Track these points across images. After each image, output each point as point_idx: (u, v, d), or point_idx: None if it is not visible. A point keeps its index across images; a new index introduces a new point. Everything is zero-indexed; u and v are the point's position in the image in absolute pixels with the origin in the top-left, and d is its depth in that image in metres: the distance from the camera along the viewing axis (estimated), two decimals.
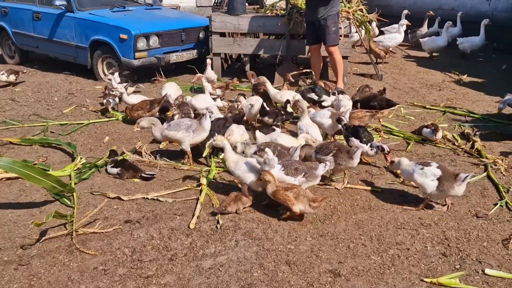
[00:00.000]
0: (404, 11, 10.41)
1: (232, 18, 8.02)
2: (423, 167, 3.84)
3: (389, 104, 5.78)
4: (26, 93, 7.50)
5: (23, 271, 3.13)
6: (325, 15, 6.91)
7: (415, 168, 3.88)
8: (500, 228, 3.66)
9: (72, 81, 8.29)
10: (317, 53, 7.40)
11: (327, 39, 7.09)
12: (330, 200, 4.09)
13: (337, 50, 7.20)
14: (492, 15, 11.02)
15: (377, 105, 5.86)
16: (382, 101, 5.88)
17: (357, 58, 9.92)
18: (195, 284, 3.01)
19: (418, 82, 8.24)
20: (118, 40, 7.68)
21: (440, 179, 3.74)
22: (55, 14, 8.38)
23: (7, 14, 9.33)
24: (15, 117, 6.28)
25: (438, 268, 3.18)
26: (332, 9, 6.90)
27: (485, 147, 5.21)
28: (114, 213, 3.86)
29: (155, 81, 8.02)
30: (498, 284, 3.03)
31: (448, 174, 3.76)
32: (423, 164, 3.88)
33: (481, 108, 6.75)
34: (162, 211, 3.90)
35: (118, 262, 3.22)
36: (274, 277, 3.07)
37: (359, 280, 3.06)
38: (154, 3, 9.68)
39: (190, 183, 4.38)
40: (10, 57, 9.84)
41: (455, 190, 3.73)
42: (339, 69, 7.28)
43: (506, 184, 4.35)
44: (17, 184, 4.35)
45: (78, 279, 3.05)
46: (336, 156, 4.14)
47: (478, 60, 9.76)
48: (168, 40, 8.15)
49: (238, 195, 3.88)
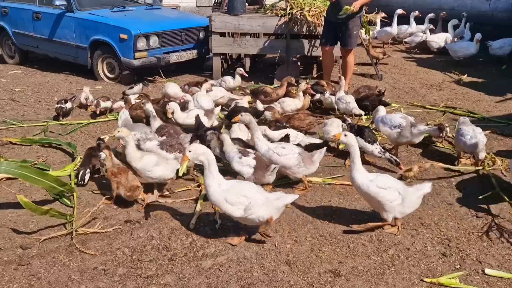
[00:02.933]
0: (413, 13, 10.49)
1: (232, 18, 8.02)
2: (242, 156, 4.01)
3: (381, 104, 5.78)
4: (26, 93, 7.50)
5: (23, 271, 3.13)
6: (351, 17, 6.71)
7: (234, 156, 4.04)
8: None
9: (72, 81, 8.29)
10: (331, 55, 7.31)
11: (348, 42, 6.92)
12: (330, 200, 4.10)
13: (353, 53, 7.16)
14: (492, 15, 11.02)
15: (369, 105, 5.94)
16: (375, 101, 5.92)
17: (357, 58, 9.91)
18: (195, 284, 3.01)
19: (418, 82, 8.24)
20: (118, 40, 7.68)
21: (255, 168, 3.94)
22: (55, 14, 8.38)
23: (7, 14, 9.33)
24: (15, 117, 6.28)
25: (438, 268, 3.18)
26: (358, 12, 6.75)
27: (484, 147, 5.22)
28: (114, 213, 3.86)
29: (155, 80, 8.03)
30: (498, 284, 3.03)
31: (262, 164, 3.96)
32: (242, 154, 4.04)
33: (481, 108, 6.75)
34: (162, 211, 3.90)
35: (118, 262, 3.22)
36: (274, 277, 3.07)
37: (359, 280, 3.06)
38: (154, 3, 9.67)
39: (190, 184, 4.38)
40: (10, 57, 9.84)
41: (265, 179, 3.97)
42: (349, 72, 7.25)
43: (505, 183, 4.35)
44: (17, 184, 4.35)
45: (78, 279, 3.05)
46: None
47: (478, 60, 9.76)
48: (168, 40, 8.15)
49: None
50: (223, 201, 3.24)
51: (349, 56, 7.11)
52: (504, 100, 7.17)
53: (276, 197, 3.31)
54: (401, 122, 4.74)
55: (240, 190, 3.26)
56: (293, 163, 4.03)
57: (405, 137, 4.70)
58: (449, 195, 4.19)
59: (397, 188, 3.42)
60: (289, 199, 3.35)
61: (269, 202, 3.25)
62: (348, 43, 6.95)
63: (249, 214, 3.20)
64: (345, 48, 7.04)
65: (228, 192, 3.25)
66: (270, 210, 3.24)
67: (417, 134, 4.67)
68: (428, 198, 4.12)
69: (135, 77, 8.04)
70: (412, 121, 4.82)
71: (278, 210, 3.34)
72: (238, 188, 3.28)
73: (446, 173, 4.63)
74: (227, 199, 3.23)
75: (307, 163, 4.05)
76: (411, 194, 3.43)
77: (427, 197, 4.13)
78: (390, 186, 3.39)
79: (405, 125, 4.70)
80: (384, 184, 3.39)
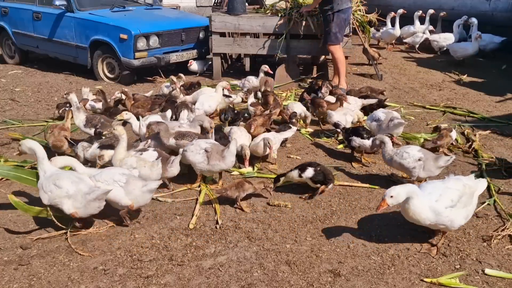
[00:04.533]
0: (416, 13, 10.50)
1: (232, 18, 8.02)
2: (142, 152, 4.09)
3: (381, 105, 5.92)
4: (26, 93, 7.51)
5: (23, 271, 3.13)
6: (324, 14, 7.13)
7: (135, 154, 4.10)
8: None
9: (72, 81, 8.29)
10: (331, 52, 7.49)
11: (325, 39, 7.27)
12: (330, 200, 4.10)
13: (338, 50, 7.28)
14: (492, 15, 11.01)
15: (368, 106, 6.00)
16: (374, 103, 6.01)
17: (357, 58, 9.92)
18: (195, 284, 3.01)
19: (418, 82, 8.24)
20: (118, 40, 7.69)
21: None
22: (55, 14, 8.39)
23: (7, 14, 9.33)
24: (15, 117, 6.29)
25: (438, 268, 3.18)
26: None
27: (484, 147, 5.22)
28: (114, 213, 3.86)
29: (155, 80, 8.03)
30: (498, 284, 3.03)
31: (165, 158, 4.03)
32: (141, 150, 4.12)
33: (481, 108, 6.75)
34: (162, 211, 3.90)
35: (118, 262, 3.22)
36: (274, 277, 3.07)
37: (359, 280, 3.06)
38: (154, 3, 9.68)
39: (189, 183, 4.38)
40: (10, 57, 9.84)
41: (168, 172, 4.04)
42: (341, 68, 7.33)
43: (505, 185, 4.35)
44: (17, 184, 4.34)
45: (78, 279, 3.05)
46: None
47: (478, 60, 9.76)
48: (168, 40, 8.16)
49: (241, 182, 3.93)
50: (40, 188, 3.50)
51: (334, 52, 7.25)
52: (504, 100, 7.17)
53: (89, 191, 3.41)
54: (380, 116, 5.04)
55: (54, 179, 3.44)
56: (198, 159, 4.07)
57: (384, 130, 4.89)
58: None
59: None
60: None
61: (82, 195, 3.38)
62: (325, 39, 7.27)
63: (55, 204, 3.42)
64: (324, 45, 7.34)
65: (45, 179, 3.48)
66: (79, 203, 3.39)
67: (392, 126, 4.86)
68: None
69: (135, 77, 8.03)
70: (394, 116, 4.97)
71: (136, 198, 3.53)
72: (54, 177, 3.46)
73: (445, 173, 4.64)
74: (43, 186, 3.47)
75: (215, 159, 4.04)
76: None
77: None
78: None
79: (384, 119, 4.97)
80: None
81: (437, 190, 3.23)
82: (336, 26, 7.05)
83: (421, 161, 4.02)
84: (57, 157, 3.92)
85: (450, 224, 3.21)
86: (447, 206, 3.16)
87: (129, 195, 3.52)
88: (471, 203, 3.30)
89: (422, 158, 4.02)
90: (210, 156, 4.04)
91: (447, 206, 3.16)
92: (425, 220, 3.17)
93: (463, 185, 3.27)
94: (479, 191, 3.40)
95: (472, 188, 3.32)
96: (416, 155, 4.04)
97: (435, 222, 3.18)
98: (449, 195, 3.19)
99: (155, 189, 3.62)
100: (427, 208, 3.14)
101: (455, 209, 3.19)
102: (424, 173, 4.06)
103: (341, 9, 7.00)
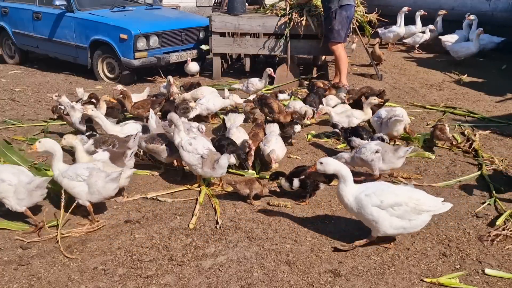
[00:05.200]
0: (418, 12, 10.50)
1: (232, 18, 8.02)
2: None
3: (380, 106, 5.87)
4: (26, 93, 7.51)
5: (23, 271, 3.13)
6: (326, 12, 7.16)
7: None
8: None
9: (72, 81, 8.29)
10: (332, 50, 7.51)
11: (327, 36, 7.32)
12: (330, 200, 4.10)
13: (339, 48, 7.32)
14: (492, 15, 11.01)
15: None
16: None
17: (357, 58, 9.92)
18: (195, 284, 3.01)
19: (418, 82, 8.24)
20: (118, 40, 7.68)
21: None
22: (55, 14, 8.39)
23: (7, 14, 9.33)
24: (15, 117, 6.28)
25: (438, 268, 3.18)
26: None
27: (484, 147, 5.22)
28: (114, 213, 3.86)
29: (155, 80, 8.03)
30: (498, 284, 3.03)
31: (116, 154, 4.05)
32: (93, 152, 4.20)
33: (481, 108, 6.75)
34: (162, 211, 3.90)
35: (118, 262, 3.22)
36: (274, 277, 3.07)
37: (359, 280, 3.06)
38: (154, 3, 9.68)
39: (189, 183, 4.38)
40: (10, 57, 9.84)
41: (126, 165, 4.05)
42: (342, 66, 7.36)
43: (506, 185, 4.35)
44: None
45: (78, 279, 3.05)
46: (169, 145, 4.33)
47: (478, 60, 9.76)
48: (168, 40, 8.16)
49: (252, 179, 3.97)
50: None
51: (336, 50, 7.28)
52: (504, 100, 7.17)
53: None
54: (381, 114, 5.11)
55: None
56: (192, 162, 4.10)
57: (384, 127, 5.01)
58: (449, 195, 4.19)
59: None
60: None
61: (23, 185, 3.50)
62: (327, 37, 7.35)
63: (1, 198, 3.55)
64: (326, 43, 7.42)
65: None
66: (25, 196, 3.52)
67: (391, 124, 4.90)
68: None
69: (135, 77, 8.03)
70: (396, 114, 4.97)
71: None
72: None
73: (446, 173, 4.64)
74: None
75: (207, 167, 4.05)
76: None
77: None
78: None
79: (384, 116, 5.05)
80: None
81: (374, 187, 3.27)
82: (339, 24, 7.06)
83: (378, 153, 4.12)
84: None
85: (375, 224, 3.21)
86: (374, 204, 3.16)
87: (92, 187, 3.55)
88: (414, 219, 3.17)
89: (380, 150, 4.13)
90: (204, 162, 4.05)
91: (373, 205, 3.16)
92: (347, 207, 3.31)
93: (408, 197, 3.16)
94: (435, 212, 3.23)
95: (421, 206, 3.15)
96: (373, 148, 4.16)
97: (357, 215, 3.30)
98: (382, 196, 3.16)
99: (117, 178, 3.61)
100: (351, 196, 3.25)
101: (385, 213, 3.15)
102: (385, 165, 4.15)
103: (343, 5, 7.00)
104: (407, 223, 3.19)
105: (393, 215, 3.16)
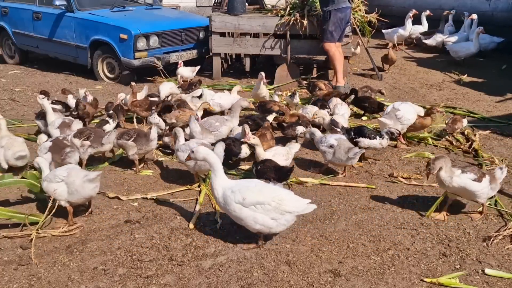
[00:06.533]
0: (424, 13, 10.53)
1: (232, 18, 8.02)
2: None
3: (380, 106, 5.97)
4: (26, 93, 7.50)
5: (23, 271, 3.13)
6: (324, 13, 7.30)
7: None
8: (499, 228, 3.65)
9: (72, 81, 8.29)
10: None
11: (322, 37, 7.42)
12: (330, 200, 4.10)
13: (333, 47, 7.36)
14: (492, 15, 11.01)
15: (369, 106, 6.05)
16: (374, 104, 6.04)
17: (357, 58, 9.91)
18: (195, 284, 3.01)
19: (418, 82, 8.24)
20: (118, 40, 7.68)
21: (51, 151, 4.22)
22: (55, 14, 8.38)
23: (7, 14, 9.33)
24: (15, 117, 6.28)
25: (438, 268, 3.18)
26: None
27: (484, 147, 5.22)
28: (114, 213, 3.86)
29: (155, 80, 8.03)
30: (498, 284, 3.03)
31: (57, 148, 4.22)
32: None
33: (481, 108, 6.75)
34: (162, 211, 3.90)
35: (118, 262, 3.22)
36: (274, 277, 3.07)
37: (359, 280, 3.06)
38: (154, 3, 9.68)
39: (189, 183, 4.38)
40: (10, 57, 9.84)
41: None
42: (337, 65, 7.39)
43: (506, 185, 4.34)
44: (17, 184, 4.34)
45: (78, 279, 3.05)
46: (136, 141, 4.43)
47: (478, 60, 9.76)
48: (168, 40, 8.16)
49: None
50: None
51: (329, 50, 7.32)
52: (504, 100, 7.17)
53: None
54: (388, 109, 5.24)
55: None
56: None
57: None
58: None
59: None
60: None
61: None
62: (321, 37, 7.43)
63: None
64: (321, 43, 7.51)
65: None
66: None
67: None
68: (428, 198, 4.13)
69: (135, 77, 8.02)
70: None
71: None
72: None
73: None
74: None
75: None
76: None
77: (427, 198, 4.14)
78: None
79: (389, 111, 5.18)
80: None
81: (242, 184, 3.34)
82: (332, 25, 7.14)
83: (332, 148, 4.35)
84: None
85: (239, 221, 3.29)
86: (237, 201, 3.22)
87: (70, 186, 3.54)
88: (280, 218, 3.21)
89: (334, 146, 4.35)
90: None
91: (237, 202, 3.22)
92: (217, 200, 3.37)
93: (272, 197, 3.20)
94: (299, 213, 3.26)
95: (284, 206, 3.19)
96: (330, 142, 4.39)
97: (223, 209, 3.38)
98: (245, 194, 3.21)
99: (95, 179, 3.58)
100: (220, 188, 3.32)
101: (247, 210, 3.20)
102: (335, 159, 4.37)
103: (338, 8, 7.06)
104: (275, 223, 3.23)
105: (262, 213, 3.20)
